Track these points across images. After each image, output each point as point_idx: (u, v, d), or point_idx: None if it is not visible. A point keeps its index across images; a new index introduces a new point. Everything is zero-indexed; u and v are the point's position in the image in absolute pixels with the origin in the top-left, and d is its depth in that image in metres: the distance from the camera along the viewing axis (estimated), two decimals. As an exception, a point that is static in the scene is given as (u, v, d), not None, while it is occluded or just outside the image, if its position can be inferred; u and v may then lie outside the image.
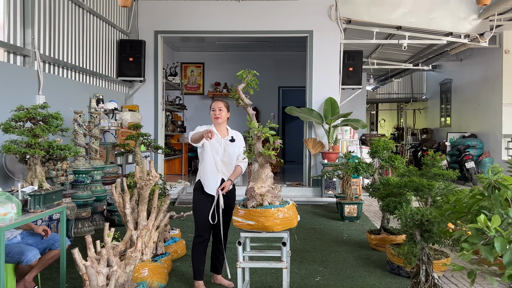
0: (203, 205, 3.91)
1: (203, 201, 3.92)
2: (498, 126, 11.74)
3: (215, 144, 3.93)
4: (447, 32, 8.91)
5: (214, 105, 4.00)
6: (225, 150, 3.95)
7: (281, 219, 3.45)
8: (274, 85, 13.21)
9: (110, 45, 8.66)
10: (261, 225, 3.45)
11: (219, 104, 4.02)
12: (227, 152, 3.96)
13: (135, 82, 9.36)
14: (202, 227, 3.91)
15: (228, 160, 3.98)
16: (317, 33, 9.17)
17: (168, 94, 11.63)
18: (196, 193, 3.97)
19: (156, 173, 3.89)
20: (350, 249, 5.26)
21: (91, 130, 6.43)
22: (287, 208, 3.53)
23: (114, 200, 4.09)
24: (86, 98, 7.53)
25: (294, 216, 3.59)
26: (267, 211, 3.46)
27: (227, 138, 4.00)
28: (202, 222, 3.89)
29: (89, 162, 6.36)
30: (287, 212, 3.51)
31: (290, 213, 3.54)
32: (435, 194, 4.10)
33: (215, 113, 3.97)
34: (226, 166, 3.99)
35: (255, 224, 3.47)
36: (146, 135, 6.96)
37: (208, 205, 3.90)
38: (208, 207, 3.90)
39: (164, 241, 4.86)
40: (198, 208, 3.93)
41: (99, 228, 6.41)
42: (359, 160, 7.71)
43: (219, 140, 3.95)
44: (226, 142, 3.98)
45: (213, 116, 3.97)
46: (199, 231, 3.93)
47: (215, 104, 4.02)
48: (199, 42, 12.17)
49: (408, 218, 3.10)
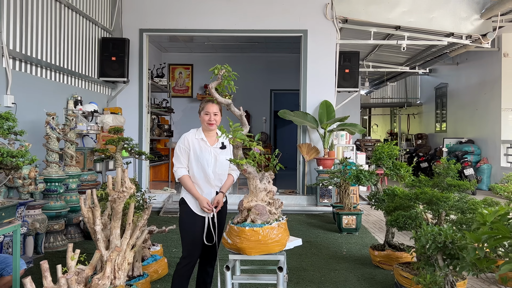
0: (193, 222, 3.35)
1: (193, 216, 3.36)
2: (497, 132, 11.36)
3: (205, 155, 3.37)
4: (448, 32, 8.48)
5: (209, 108, 3.38)
6: (216, 160, 3.39)
7: (257, 242, 2.92)
8: (265, 88, 12.72)
9: (91, 43, 8.09)
10: (235, 245, 2.97)
11: (215, 108, 3.41)
12: (219, 162, 3.40)
13: (118, 83, 8.79)
14: (191, 248, 3.33)
15: (222, 171, 3.44)
16: (311, 32, 8.69)
17: (154, 97, 11.07)
18: (184, 208, 3.39)
19: (131, 184, 3.33)
20: (351, 267, 4.74)
21: (66, 134, 5.86)
22: (268, 229, 2.95)
23: (82, 215, 3.52)
24: (63, 99, 6.95)
25: (281, 239, 2.99)
26: (242, 230, 2.96)
27: (216, 145, 3.44)
28: (191, 241, 3.33)
29: (63, 169, 5.78)
30: (268, 234, 2.94)
31: (273, 235, 2.96)
32: (449, 207, 3.61)
33: (209, 118, 3.37)
34: (220, 178, 3.45)
35: (232, 244, 3.00)
36: (127, 139, 6.41)
37: (200, 222, 3.35)
38: (199, 224, 3.35)
39: (142, 259, 4.30)
40: (187, 225, 3.36)
41: (74, 241, 5.83)
42: (357, 166, 7.24)
43: (208, 149, 3.39)
44: (216, 150, 3.42)
45: (207, 121, 3.37)
46: (188, 252, 3.34)
47: (209, 107, 3.39)
48: (188, 43, 11.64)
49: (430, 240, 2.59)
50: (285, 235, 3.08)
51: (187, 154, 3.37)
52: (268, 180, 3.16)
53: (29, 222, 4.89)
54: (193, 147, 3.36)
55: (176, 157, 3.40)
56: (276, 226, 3.03)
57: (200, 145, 3.37)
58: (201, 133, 3.42)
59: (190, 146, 3.36)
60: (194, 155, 3.36)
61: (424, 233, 2.62)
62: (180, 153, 3.38)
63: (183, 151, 3.38)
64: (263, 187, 3.26)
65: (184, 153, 3.37)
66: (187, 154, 3.37)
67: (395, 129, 20.06)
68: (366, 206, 8.81)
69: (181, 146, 3.39)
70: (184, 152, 3.37)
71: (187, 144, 3.37)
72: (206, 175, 3.36)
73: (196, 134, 3.42)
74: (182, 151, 3.38)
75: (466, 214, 3.58)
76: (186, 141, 3.38)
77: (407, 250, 4.60)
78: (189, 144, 3.37)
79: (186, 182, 3.35)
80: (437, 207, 3.57)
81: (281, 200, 3.21)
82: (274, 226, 3.02)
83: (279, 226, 3.04)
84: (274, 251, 2.97)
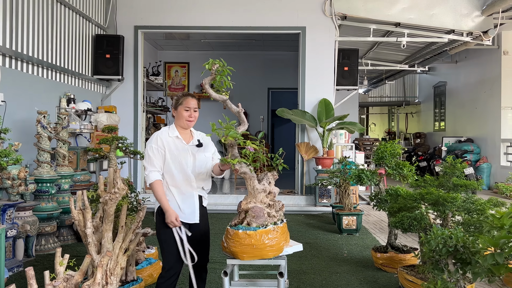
0: (172, 234, 3.04)
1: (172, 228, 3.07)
2: (497, 130, 11.24)
3: (183, 155, 3.06)
4: (448, 29, 8.34)
5: (189, 103, 3.09)
6: (195, 159, 3.10)
7: (250, 246, 2.79)
8: (263, 86, 12.55)
9: (85, 40, 7.90)
10: (229, 249, 2.85)
11: (195, 103, 3.14)
12: (198, 160, 3.11)
13: (112, 81, 8.61)
14: (173, 259, 3.06)
15: (202, 170, 3.14)
16: (310, 29, 8.53)
17: (150, 95, 10.89)
18: (162, 219, 3.06)
19: (123, 184, 3.16)
20: (353, 270, 4.59)
21: (58, 133, 5.69)
22: (262, 233, 2.80)
23: (73, 218, 3.35)
24: (56, 97, 6.77)
25: (276, 244, 2.83)
26: (236, 233, 2.83)
27: (192, 143, 3.14)
28: (172, 252, 3.06)
29: (55, 169, 5.61)
30: (261, 239, 2.79)
31: (267, 240, 2.80)
32: (456, 208, 3.46)
33: (189, 115, 3.09)
34: (202, 178, 3.16)
35: (226, 247, 2.89)
36: (122, 138, 6.23)
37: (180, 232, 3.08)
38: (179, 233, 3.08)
39: (136, 263, 4.14)
40: (167, 235, 3.05)
41: (67, 244, 5.66)
42: (357, 166, 7.09)
43: (185, 148, 3.09)
44: (193, 148, 3.13)
45: (187, 117, 3.08)
46: (170, 264, 3.07)
47: (190, 102, 3.10)
48: (184, 40, 11.47)
49: (440, 244, 2.43)
50: (282, 240, 2.92)
51: (161, 156, 3.04)
52: (268, 181, 3.00)
53: (19, 224, 4.71)
54: (169, 146, 3.05)
55: (148, 159, 3.04)
56: (272, 229, 2.87)
57: (176, 144, 3.08)
58: (175, 131, 3.12)
59: (165, 146, 3.04)
60: (171, 156, 3.05)
61: (434, 236, 2.46)
62: (153, 155, 3.03)
63: (156, 152, 3.04)
64: (262, 188, 3.11)
65: (158, 154, 3.04)
66: (161, 156, 3.04)
67: (392, 128, 19.95)
68: (366, 206, 8.67)
69: (153, 147, 3.04)
70: (157, 153, 3.04)
71: (161, 144, 3.04)
72: (187, 176, 3.06)
73: (169, 132, 3.11)
74: (156, 152, 3.04)
75: (474, 215, 3.44)
76: (160, 141, 3.05)
77: (416, 255, 4.45)
78: (163, 144, 3.04)
79: (157, 190, 3.01)
80: (444, 208, 3.42)
81: (282, 202, 3.05)
82: (269, 229, 2.86)
83: (275, 230, 2.88)
84: (268, 257, 2.83)
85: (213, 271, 4.46)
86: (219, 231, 6.27)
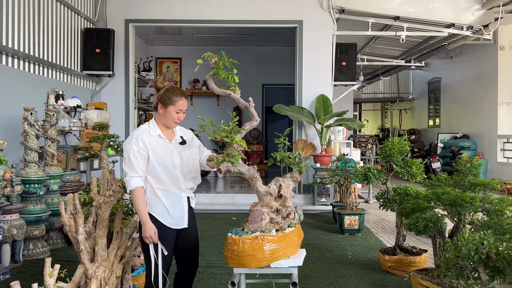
0: (164, 237, 2.79)
1: (164, 231, 2.80)
2: (493, 126, 11.12)
3: (167, 155, 2.79)
4: (448, 23, 8.15)
5: (182, 105, 2.81)
6: (182, 158, 2.85)
7: (232, 252, 2.65)
8: (257, 82, 12.27)
9: (74, 34, 7.58)
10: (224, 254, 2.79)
11: (186, 105, 2.87)
12: (185, 158, 2.86)
13: (102, 77, 8.29)
14: (162, 267, 2.80)
15: (190, 168, 2.89)
16: (307, 23, 8.29)
17: (141, 91, 10.57)
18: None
19: (119, 187, 2.90)
20: (360, 273, 4.37)
21: (46, 131, 5.39)
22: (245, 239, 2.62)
23: (63, 223, 3.08)
24: (43, 93, 6.45)
25: (257, 254, 2.60)
26: (228, 237, 2.77)
27: (175, 140, 2.88)
28: (165, 260, 2.81)
29: (44, 169, 5.31)
30: (243, 246, 2.61)
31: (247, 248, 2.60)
32: (474, 209, 3.25)
33: (179, 117, 2.82)
34: (192, 177, 2.92)
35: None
36: (113, 136, 5.97)
37: (172, 236, 2.83)
38: (171, 239, 2.83)
39: (132, 269, 3.87)
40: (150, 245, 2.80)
41: (57, 248, 5.36)
42: (356, 163, 6.88)
43: (169, 147, 2.82)
44: (177, 146, 2.87)
45: (175, 119, 2.81)
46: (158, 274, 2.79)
47: (183, 104, 2.81)
48: (176, 35, 11.16)
49: (472, 251, 2.22)
50: (274, 251, 2.65)
51: (144, 159, 2.73)
52: (278, 183, 2.76)
53: (5, 228, 4.41)
54: (152, 147, 2.76)
55: (130, 164, 2.70)
56: (255, 237, 2.63)
57: (159, 143, 2.80)
58: (157, 129, 2.83)
59: (148, 147, 2.74)
60: (155, 157, 2.75)
61: (466, 243, 2.25)
62: (134, 158, 2.70)
63: (138, 154, 2.71)
64: (266, 190, 2.87)
65: (140, 157, 2.71)
66: (144, 159, 2.73)
67: (386, 124, 19.82)
68: (364, 204, 8.49)
69: (134, 149, 2.71)
70: (140, 156, 2.71)
71: (143, 145, 2.73)
72: (174, 178, 2.80)
73: (150, 131, 2.80)
74: (138, 155, 2.71)
75: (493, 216, 3.23)
76: (141, 142, 2.73)
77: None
78: (145, 145, 2.73)
79: (137, 198, 2.69)
80: (463, 210, 3.21)
81: (291, 209, 2.80)
82: (251, 237, 2.63)
83: (263, 238, 2.63)
84: (248, 266, 2.62)
85: (213, 276, 4.22)
86: (216, 233, 6.03)
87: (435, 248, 3.60)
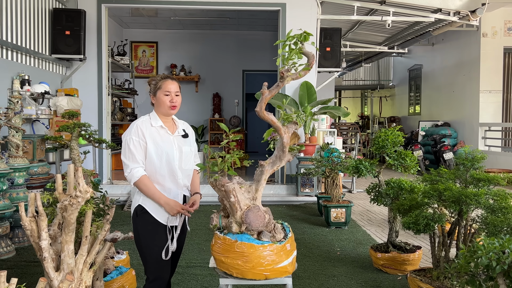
0: (157, 235, 2.60)
1: (157, 227, 2.60)
2: (475, 114, 11.05)
3: (167, 147, 2.62)
4: (435, 8, 7.91)
5: (169, 87, 2.64)
6: (181, 152, 2.67)
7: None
8: (237, 68, 11.86)
9: (41, 14, 7.03)
10: None
11: (176, 86, 2.69)
12: (184, 154, 2.68)
13: (73, 61, 7.78)
14: (159, 267, 2.60)
15: (188, 166, 2.73)
16: (290, 6, 7.93)
17: (115, 77, 10.08)
18: (144, 218, 2.61)
19: (87, 186, 2.53)
20: (351, 271, 4.13)
21: (9, 119, 4.92)
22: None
23: (24, 227, 2.70)
24: (7, 78, 5.95)
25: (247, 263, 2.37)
26: None
27: (177, 133, 2.70)
28: (157, 260, 2.59)
29: (7, 161, 4.86)
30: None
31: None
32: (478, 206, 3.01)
33: (171, 100, 2.63)
34: (188, 174, 2.75)
35: None
36: (85, 125, 5.52)
37: (164, 233, 2.62)
38: (164, 236, 2.61)
39: (105, 273, 3.52)
40: (150, 240, 2.61)
41: (23, 247, 4.96)
42: (339, 152, 6.63)
43: (171, 140, 2.66)
44: (179, 140, 2.70)
45: (168, 103, 2.62)
46: (156, 274, 2.59)
47: (169, 85, 2.64)
48: (152, 18, 10.63)
49: (494, 262, 1.96)
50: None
51: (143, 149, 2.59)
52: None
53: (-38, 228, 3.99)
54: (153, 137, 2.61)
55: (130, 155, 2.58)
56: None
57: (160, 134, 2.64)
58: (158, 120, 2.67)
59: (146, 138, 2.59)
60: (155, 148, 2.60)
61: (486, 252, 1.98)
62: (134, 148, 2.57)
63: (138, 144, 2.58)
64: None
65: (140, 147, 2.59)
66: (143, 149, 2.59)
67: (365, 112, 19.71)
68: (348, 195, 8.29)
69: (134, 139, 2.58)
70: (139, 146, 2.59)
71: (142, 135, 2.59)
72: (172, 172, 2.63)
73: (152, 122, 2.66)
74: (137, 145, 2.58)
75: (498, 214, 2.99)
76: (141, 132, 2.60)
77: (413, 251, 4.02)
78: (144, 136, 2.59)
79: (147, 185, 2.56)
80: (466, 207, 2.97)
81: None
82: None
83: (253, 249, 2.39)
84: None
85: (194, 278, 3.91)
86: (196, 227, 5.69)
87: (433, 246, 3.37)
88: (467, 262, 2.25)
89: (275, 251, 2.35)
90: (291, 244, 2.47)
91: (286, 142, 2.58)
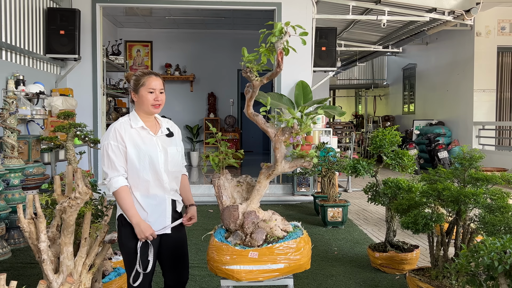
0: (141, 246, 2.46)
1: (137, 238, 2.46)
2: (469, 113, 11.12)
3: (150, 150, 2.44)
4: (430, 7, 7.95)
5: (153, 84, 2.45)
6: (167, 154, 2.50)
7: None
8: (232, 68, 11.83)
9: (35, 14, 6.98)
10: None
11: (160, 83, 2.50)
12: (170, 155, 2.51)
13: (68, 61, 7.73)
14: (143, 279, 2.48)
15: (176, 168, 2.57)
16: (286, 5, 7.93)
17: (110, 77, 10.02)
18: (127, 230, 2.47)
19: (86, 187, 2.51)
20: (349, 271, 4.13)
21: (4, 120, 4.89)
22: None
23: (22, 229, 2.68)
24: (2, 78, 5.90)
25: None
26: None
27: (161, 133, 2.54)
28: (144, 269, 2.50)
29: (3, 162, 4.82)
30: None
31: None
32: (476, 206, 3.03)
33: (156, 98, 2.45)
34: (175, 176, 2.59)
35: None
36: (80, 125, 5.50)
37: (154, 242, 2.50)
38: (154, 245, 2.50)
39: (103, 275, 3.50)
40: (132, 251, 2.47)
41: (19, 248, 4.92)
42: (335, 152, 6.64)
43: (154, 141, 2.48)
44: (163, 140, 2.53)
45: (152, 102, 2.44)
46: (139, 284, 2.48)
47: (153, 81, 2.45)
48: (146, 17, 10.58)
49: (496, 261, 1.97)
50: None
51: (123, 154, 2.42)
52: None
53: (-43, 230, 3.95)
54: (133, 140, 2.43)
55: (109, 162, 2.39)
56: None
57: (142, 135, 2.47)
58: (139, 120, 2.49)
59: (126, 142, 2.41)
60: (136, 152, 2.42)
61: (488, 251, 1.99)
62: (114, 155, 2.39)
63: (117, 150, 2.40)
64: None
65: (120, 153, 2.41)
66: (123, 154, 2.42)
67: (360, 111, 19.76)
68: (344, 194, 8.31)
69: (112, 144, 2.39)
70: (119, 151, 2.40)
71: (121, 139, 2.41)
72: (157, 176, 2.46)
73: (132, 123, 2.48)
74: (116, 150, 2.40)
75: (496, 213, 3.01)
76: (119, 135, 2.41)
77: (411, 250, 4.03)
78: (123, 139, 2.41)
79: (124, 199, 2.38)
80: (465, 207, 2.98)
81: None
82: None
83: None
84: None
85: (192, 279, 3.90)
86: (192, 227, 5.67)
87: (431, 246, 3.38)
88: (468, 262, 2.26)
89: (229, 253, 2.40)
90: (260, 254, 2.39)
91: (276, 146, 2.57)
